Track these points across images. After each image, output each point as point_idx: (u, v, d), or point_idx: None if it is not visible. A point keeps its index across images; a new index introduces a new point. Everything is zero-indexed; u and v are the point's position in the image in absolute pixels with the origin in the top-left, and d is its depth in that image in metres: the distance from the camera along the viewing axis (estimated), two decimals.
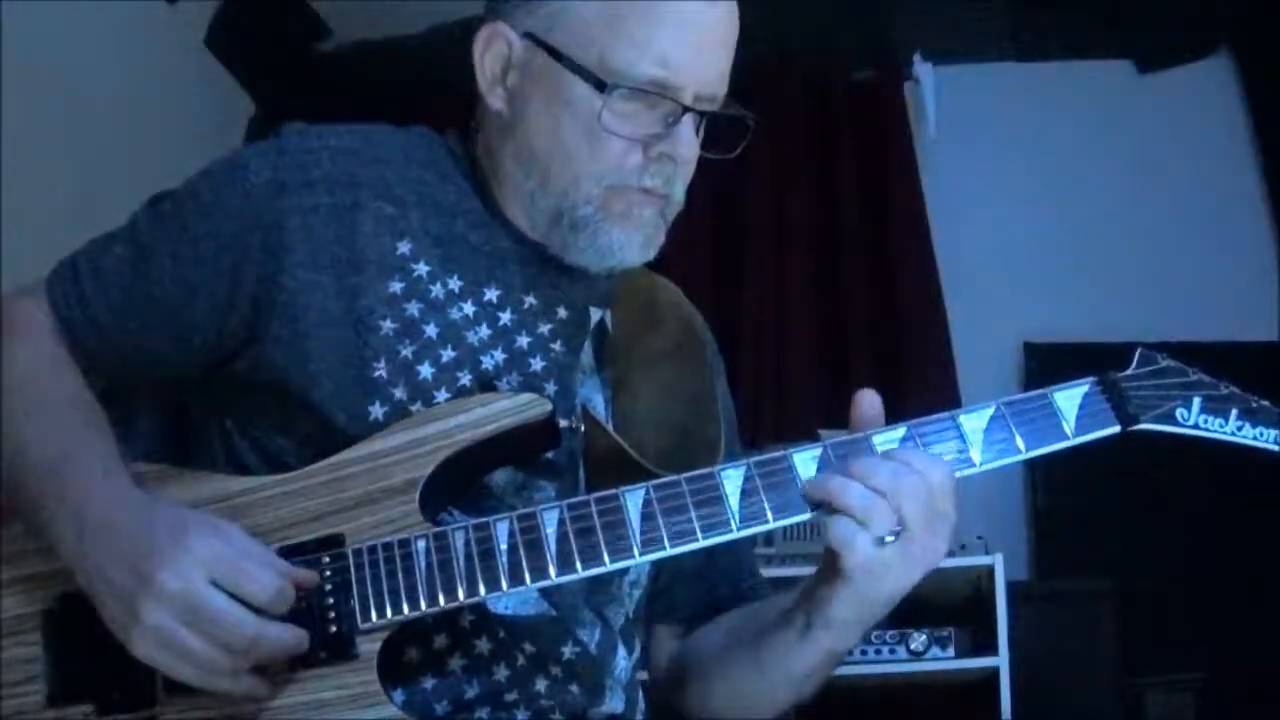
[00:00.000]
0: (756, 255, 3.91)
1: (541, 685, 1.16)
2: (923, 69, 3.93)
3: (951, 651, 3.16)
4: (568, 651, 1.18)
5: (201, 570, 1.02)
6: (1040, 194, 3.92)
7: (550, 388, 1.21)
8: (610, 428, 1.24)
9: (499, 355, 1.20)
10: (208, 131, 4.17)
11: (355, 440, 1.14)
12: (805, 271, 3.90)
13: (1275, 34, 3.77)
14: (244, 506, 1.12)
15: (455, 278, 1.21)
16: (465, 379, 1.18)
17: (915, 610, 3.23)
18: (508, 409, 1.13)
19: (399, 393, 1.16)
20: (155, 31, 3.84)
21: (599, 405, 1.27)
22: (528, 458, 1.18)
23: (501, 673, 1.15)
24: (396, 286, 1.18)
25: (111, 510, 1.07)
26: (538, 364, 1.22)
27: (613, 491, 1.09)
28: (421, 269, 1.20)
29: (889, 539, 1.06)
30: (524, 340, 1.22)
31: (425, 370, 1.17)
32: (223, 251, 1.19)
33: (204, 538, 1.03)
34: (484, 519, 1.09)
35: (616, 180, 1.19)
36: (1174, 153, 3.91)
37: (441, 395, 1.16)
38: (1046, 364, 3.80)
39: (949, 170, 3.95)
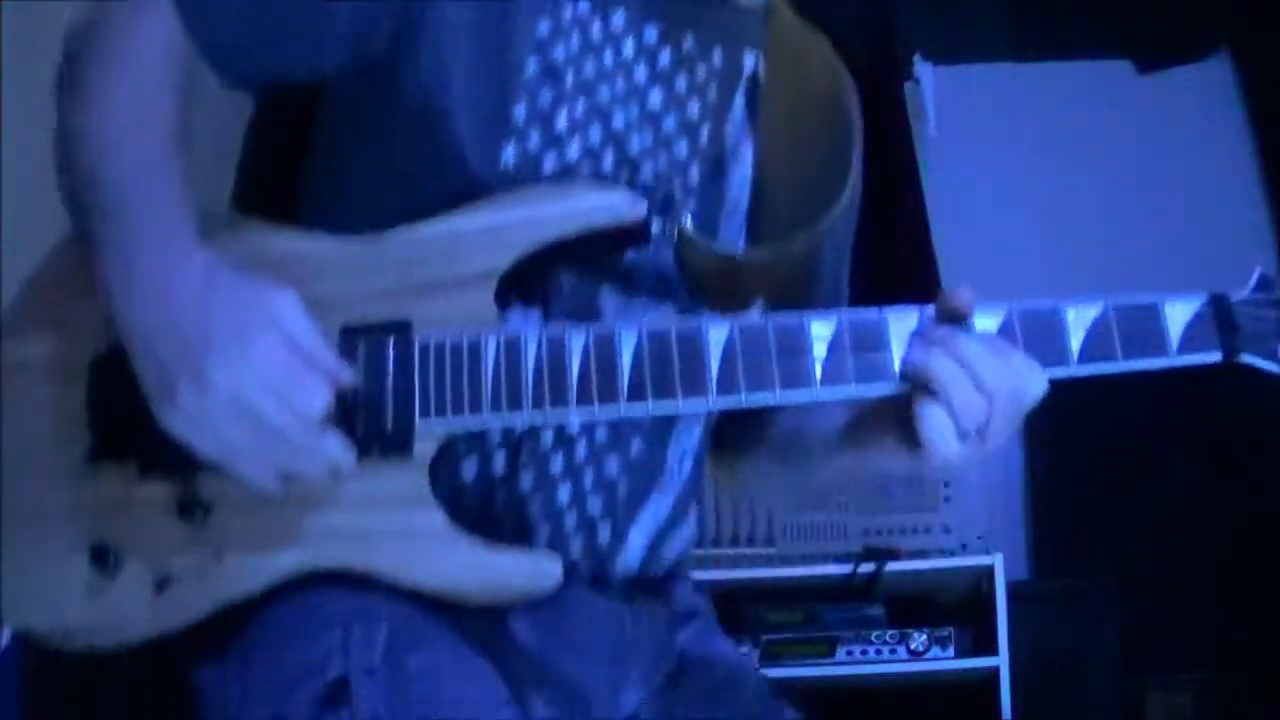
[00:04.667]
0: None
1: (594, 505, 1.12)
2: (923, 69, 3.93)
3: (951, 651, 3.16)
4: (616, 467, 1.13)
5: (255, 374, 0.95)
6: (1040, 194, 3.91)
7: (682, 149, 1.15)
8: (715, 234, 1.18)
9: (634, 112, 1.13)
10: (208, 131, 4.17)
11: (479, 188, 1.06)
12: None
13: (1275, 34, 3.77)
14: (312, 272, 1.05)
15: (620, 13, 1.12)
16: (596, 136, 1.11)
17: (915, 610, 3.24)
18: (602, 206, 1.06)
19: (532, 141, 1.08)
20: None
21: (747, 157, 1.21)
22: (613, 254, 1.10)
23: (559, 482, 1.11)
24: (545, 27, 1.10)
25: (169, 268, 0.98)
26: (671, 124, 1.15)
27: (695, 324, 1.03)
28: (583, 6, 1.11)
29: (970, 431, 1.02)
30: (672, 90, 1.15)
31: (561, 121, 1.10)
32: None
33: (262, 335, 0.96)
34: (559, 328, 1.03)
35: None
36: (1174, 153, 3.91)
37: (574, 149, 1.10)
38: None
39: (949, 170, 3.95)
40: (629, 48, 1.14)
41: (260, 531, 1.02)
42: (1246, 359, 1.08)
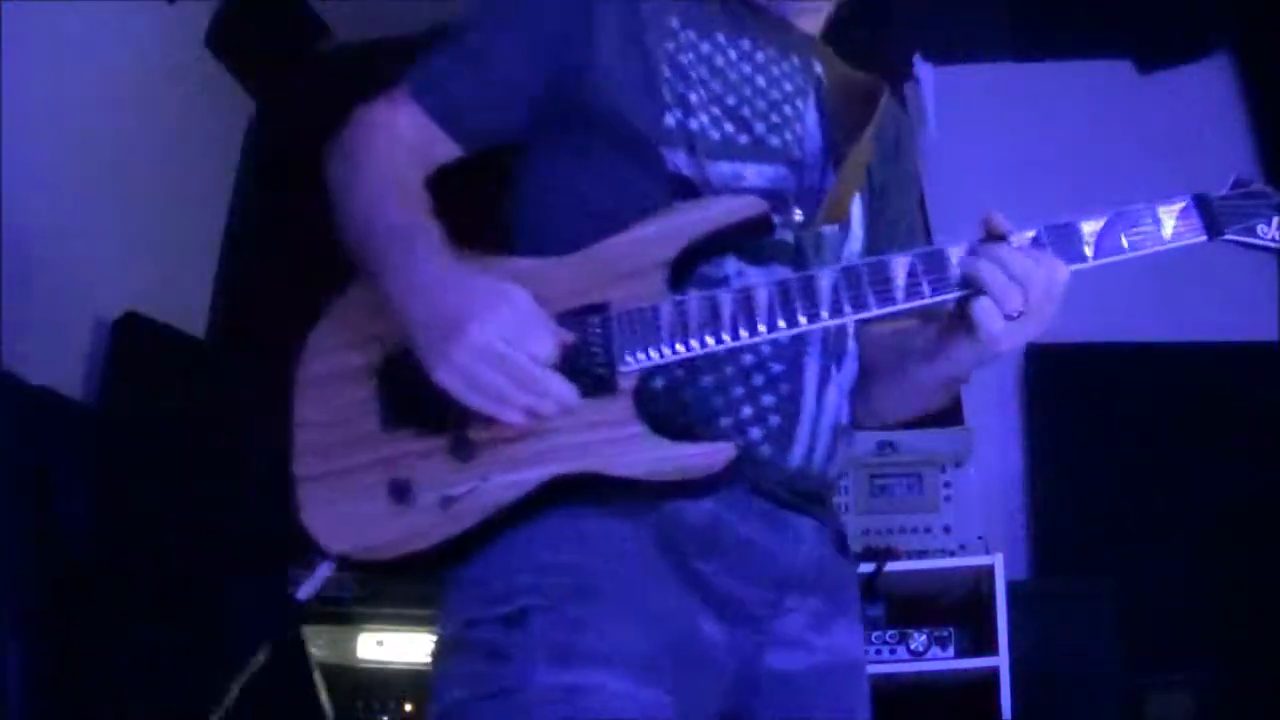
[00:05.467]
0: None
1: (767, 399, 1.49)
2: (923, 69, 3.93)
3: (951, 651, 3.17)
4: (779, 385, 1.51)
5: (498, 328, 1.32)
6: (1040, 194, 3.91)
7: (781, 115, 1.59)
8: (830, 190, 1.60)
9: (746, 90, 1.58)
10: (208, 131, 4.17)
11: (649, 150, 1.50)
12: None
13: (1275, 34, 3.77)
14: (534, 281, 1.39)
15: (720, 33, 1.60)
16: (719, 108, 1.54)
17: (915, 610, 3.24)
18: (736, 208, 1.47)
19: (678, 114, 1.52)
20: (155, 31, 3.84)
21: (817, 137, 1.62)
22: (749, 240, 1.49)
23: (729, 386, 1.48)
24: (671, 45, 1.56)
25: (436, 276, 1.37)
26: (773, 97, 1.60)
27: (810, 273, 1.42)
28: (691, 30, 1.58)
29: (1015, 316, 1.36)
30: (770, 75, 1.61)
31: (694, 99, 1.54)
32: (572, 9, 1.55)
33: (504, 306, 1.33)
34: (714, 291, 1.41)
35: None
36: (1174, 153, 3.91)
37: (705, 117, 1.53)
38: (1046, 365, 3.81)
39: (949, 170, 3.95)
40: (733, 52, 1.60)
41: (514, 458, 1.40)
42: (1229, 236, 1.44)
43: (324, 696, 3.08)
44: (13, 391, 2.95)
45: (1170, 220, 1.43)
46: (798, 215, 1.55)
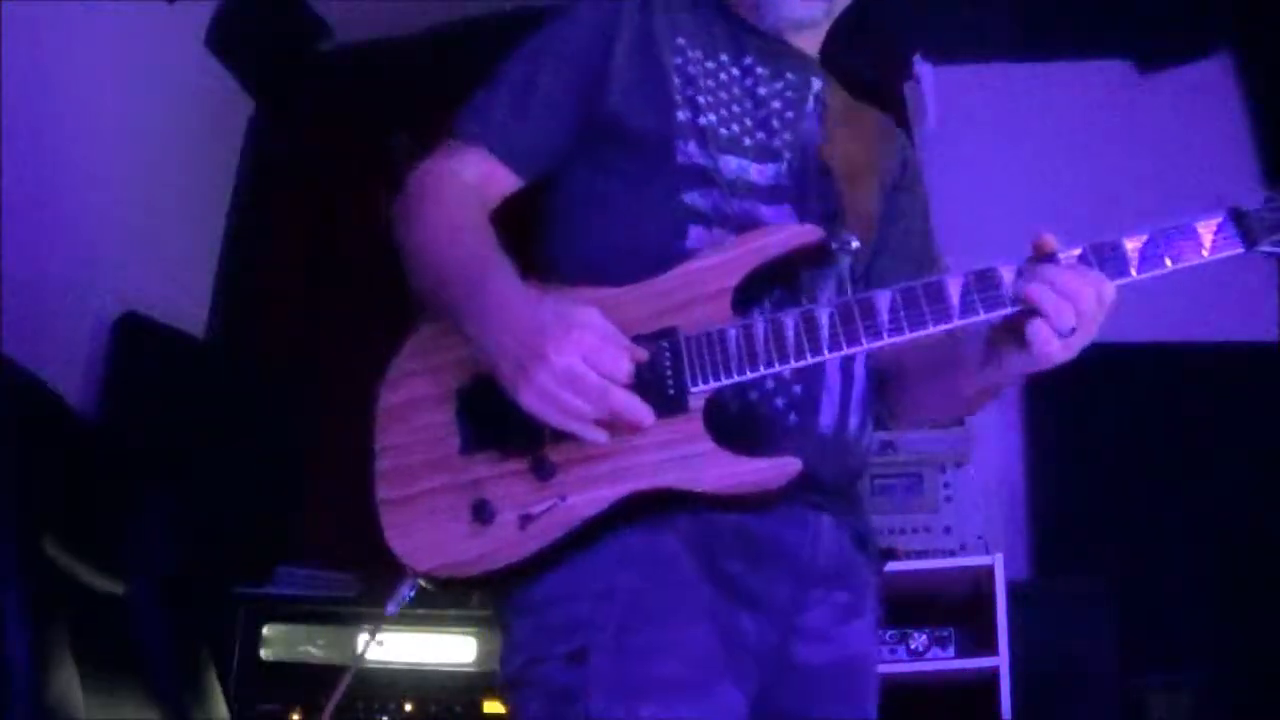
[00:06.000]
0: None
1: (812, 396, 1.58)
2: (923, 69, 3.93)
3: (951, 651, 3.17)
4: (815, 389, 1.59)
5: (577, 350, 1.38)
6: (1040, 194, 3.91)
7: (783, 122, 1.69)
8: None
9: (748, 104, 1.68)
10: (208, 131, 4.17)
11: (659, 144, 1.60)
12: None
13: (1275, 34, 3.77)
14: (604, 309, 1.45)
15: (724, 55, 1.70)
16: (728, 121, 1.64)
17: (915, 610, 3.24)
18: (795, 234, 1.56)
19: (692, 127, 1.62)
20: (155, 31, 3.84)
21: (814, 147, 1.70)
22: (807, 268, 1.58)
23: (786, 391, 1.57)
24: (679, 67, 1.66)
25: (512, 303, 1.44)
26: (774, 107, 1.70)
27: (868, 294, 1.48)
28: (697, 51, 1.68)
29: (1068, 333, 1.43)
30: (770, 87, 1.71)
31: (708, 111, 1.64)
32: (595, 31, 1.67)
33: (579, 328, 1.39)
34: (781, 314, 1.49)
35: None
36: (1174, 153, 3.91)
37: (710, 118, 1.63)
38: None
39: (949, 170, 3.95)
40: (735, 70, 1.70)
41: (592, 477, 1.46)
42: (1264, 248, 1.50)
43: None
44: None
45: (1209, 235, 1.50)
46: (854, 243, 1.62)
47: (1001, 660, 3.06)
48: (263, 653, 3.16)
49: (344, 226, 4.26)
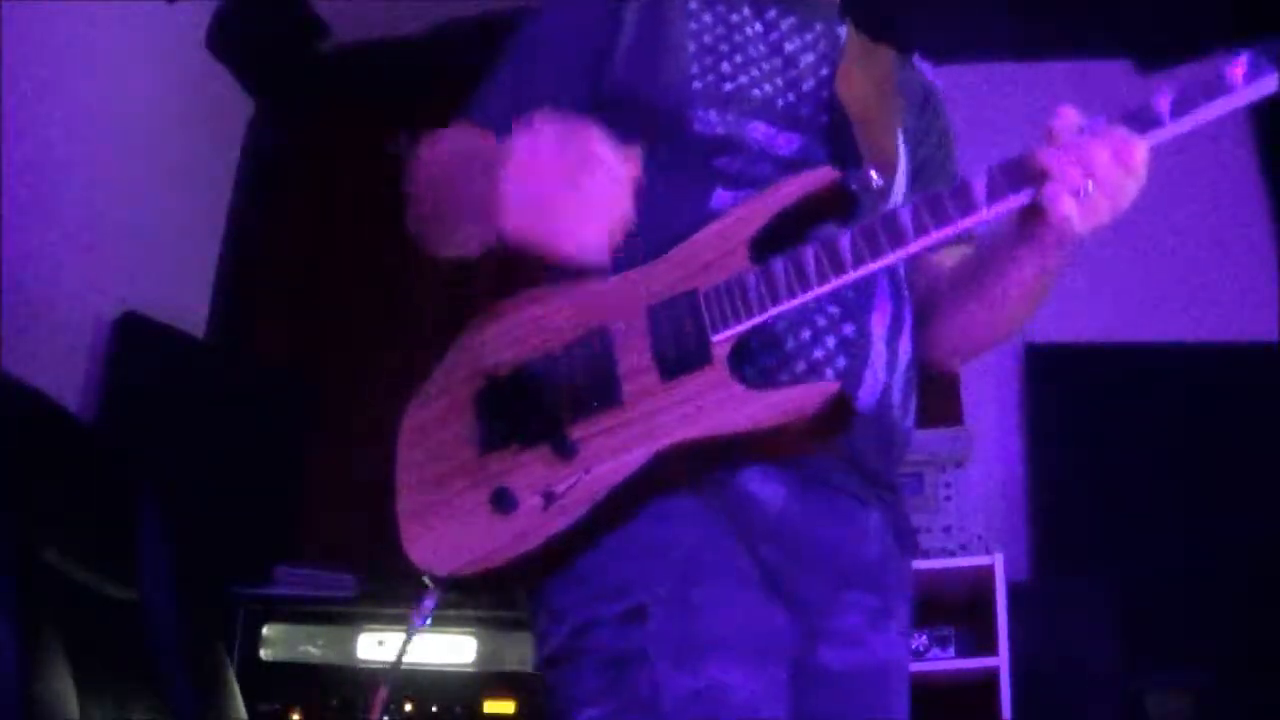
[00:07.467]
0: None
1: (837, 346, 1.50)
2: (922, 68, 3.92)
3: (951, 651, 3.17)
4: (848, 331, 1.51)
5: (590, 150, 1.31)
6: None
7: (809, 79, 1.64)
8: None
9: (777, 61, 1.63)
10: (208, 131, 4.17)
11: (674, 116, 1.54)
12: None
13: (1275, 34, 3.76)
14: (631, 286, 1.47)
15: (745, 7, 1.66)
16: (751, 77, 1.59)
17: (915, 610, 3.24)
18: (810, 178, 1.50)
19: (711, 85, 1.57)
20: (155, 31, 3.84)
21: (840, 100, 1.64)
22: (829, 213, 1.51)
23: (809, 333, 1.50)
24: (694, 24, 1.62)
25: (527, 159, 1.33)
26: (803, 63, 1.66)
27: (890, 210, 1.43)
28: (720, 7, 1.65)
29: (1081, 192, 1.38)
30: (797, 41, 1.67)
31: (725, 67, 1.59)
32: (599, 5, 1.63)
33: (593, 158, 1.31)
34: (796, 249, 1.43)
35: None
36: (1173, 152, 3.90)
37: (740, 80, 1.58)
38: (1048, 366, 3.81)
39: None
40: (759, 24, 1.66)
41: (616, 445, 1.40)
42: None
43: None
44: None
45: (1239, 71, 1.47)
46: (877, 181, 1.58)
47: (1001, 660, 3.06)
48: (262, 653, 3.16)
49: (344, 226, 4.27)
